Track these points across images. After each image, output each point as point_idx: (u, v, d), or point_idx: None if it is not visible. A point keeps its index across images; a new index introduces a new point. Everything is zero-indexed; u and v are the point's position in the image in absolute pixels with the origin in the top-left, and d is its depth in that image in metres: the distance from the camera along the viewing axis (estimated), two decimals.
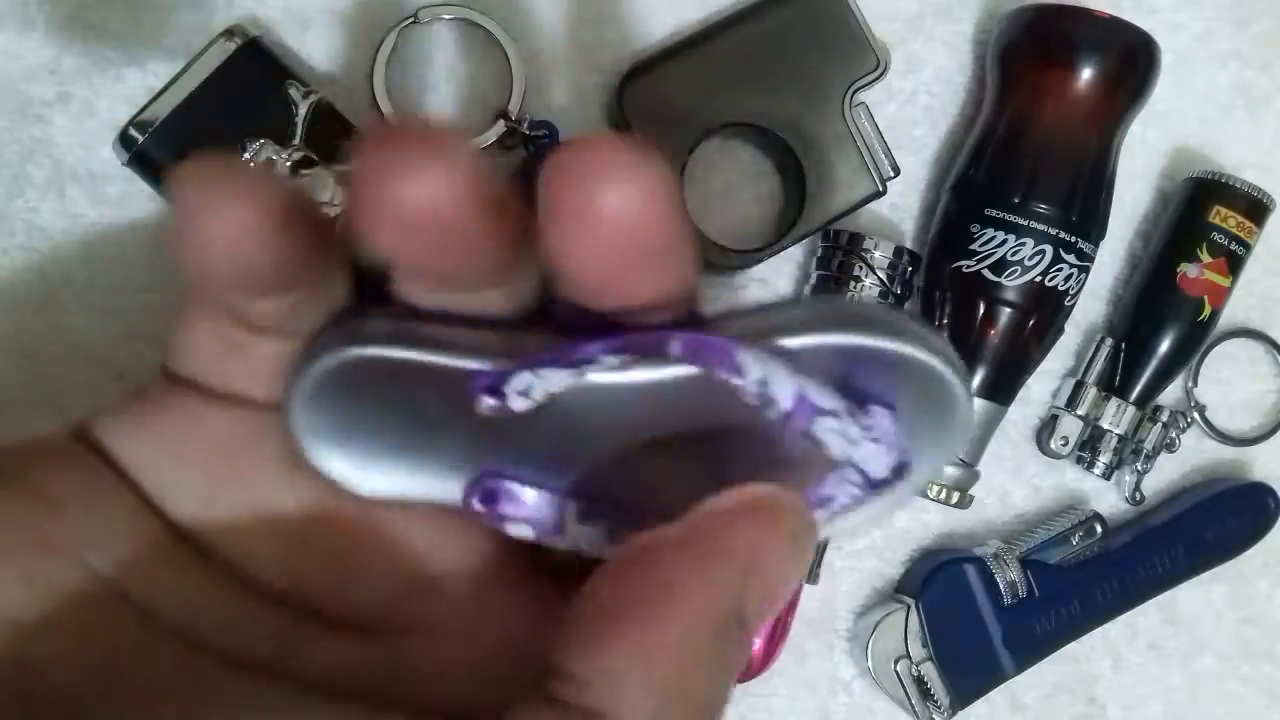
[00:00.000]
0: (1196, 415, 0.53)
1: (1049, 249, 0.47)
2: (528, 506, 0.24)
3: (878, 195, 0.49)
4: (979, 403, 0.48)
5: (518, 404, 0.22)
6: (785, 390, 0.22)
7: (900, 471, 0.23)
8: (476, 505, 0.24)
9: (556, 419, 0.23)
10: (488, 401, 0.22)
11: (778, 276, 0.51)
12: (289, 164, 0.44)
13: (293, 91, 0.45)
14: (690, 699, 0.20)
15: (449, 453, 0.24)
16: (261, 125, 0.44)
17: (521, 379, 0.22)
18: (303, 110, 0.45)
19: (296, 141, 0.44)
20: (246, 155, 0.44)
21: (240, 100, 0.44)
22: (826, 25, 0.49)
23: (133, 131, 0.44)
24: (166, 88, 0.44)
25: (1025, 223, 0.47)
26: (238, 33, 0.45)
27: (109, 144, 0.45)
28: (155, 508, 0.24)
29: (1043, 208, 0.47)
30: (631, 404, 0.23)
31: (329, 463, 0.24)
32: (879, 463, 0.23)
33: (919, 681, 0.48)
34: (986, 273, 0.48)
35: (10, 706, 0.21)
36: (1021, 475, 0.53)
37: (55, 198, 0.47)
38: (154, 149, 0.44)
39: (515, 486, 0.24)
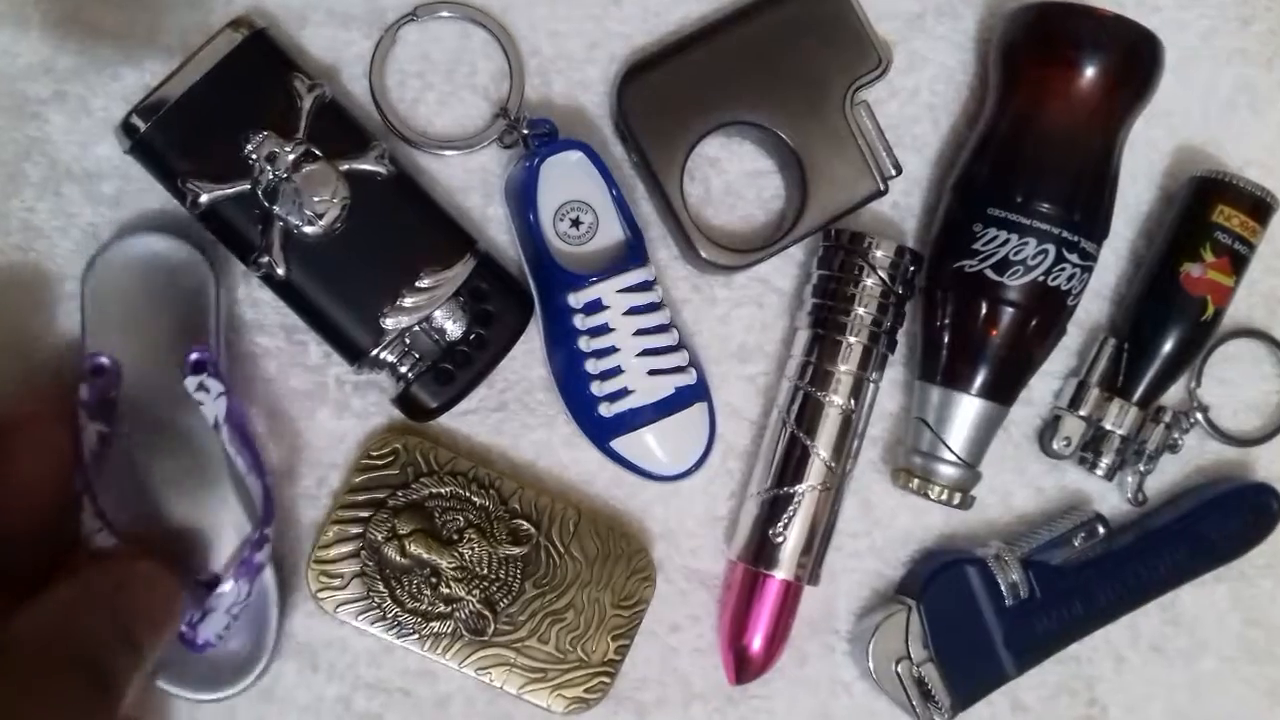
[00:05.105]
0: (1199, 416, 0.53)
1: (1052, 249, 0.47)
2: None
3: (879, 194, 0.49)
4: (979, 402, 0.48)
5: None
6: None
7: None
8: None
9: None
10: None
11: (779, 276, 0.51)
12: (292, 158, 0.43)
13: (298, 84, 0.44)
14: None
15: None
16: (264, 117, 0.43)
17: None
18: (307, 104, 0.44)
19: (300, 135, 0.43)
20: (250, 148, 0.43)
21: (244, 91, 0.43)
22: (828, 23, 0.48)
23: (135, 119, 0.43)
24: (172, 75, 0.43)
25: (1028, 222, 0.47)
26: (244, 24, 0.44)
27: (105, 142, 0.45)
28: None
29: (1045, 207, 0.47)
30: None
31: None
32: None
33: (920, 683, 0.48)
34: (989, 272, 0.47)
35: None
36: (1023, 476, 0.53)
37: (51, 196, 0.46)
38: (157, 137, 0.43)
39: None
